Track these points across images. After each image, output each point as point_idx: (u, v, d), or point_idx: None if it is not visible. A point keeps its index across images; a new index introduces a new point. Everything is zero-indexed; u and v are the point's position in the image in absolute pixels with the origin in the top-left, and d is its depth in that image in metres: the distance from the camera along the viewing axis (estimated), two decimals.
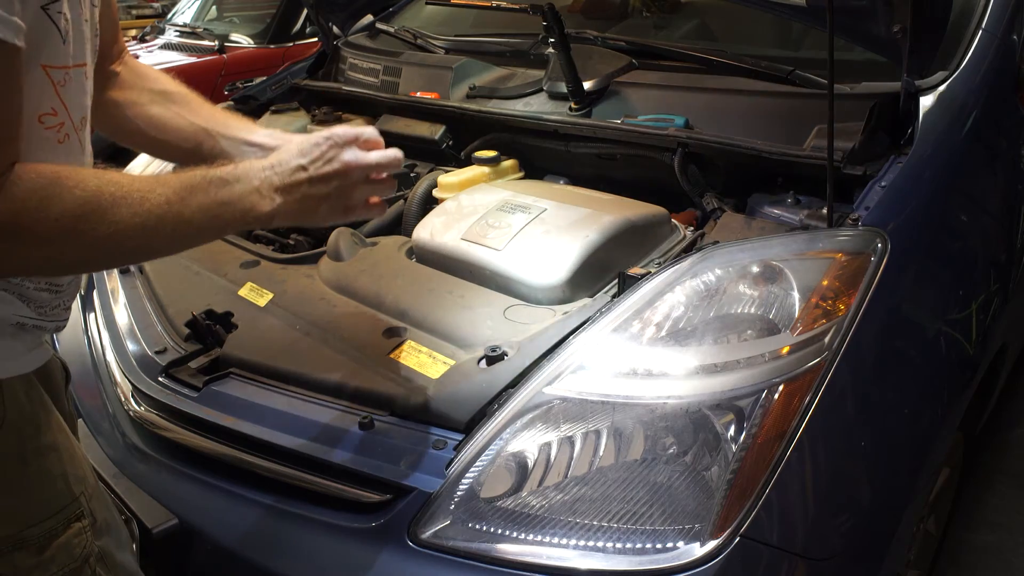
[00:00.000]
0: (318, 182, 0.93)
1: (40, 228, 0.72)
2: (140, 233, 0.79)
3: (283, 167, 0.92)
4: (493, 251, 1.35)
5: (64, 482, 0.89)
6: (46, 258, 0.76)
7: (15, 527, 0.83)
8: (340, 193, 0.96)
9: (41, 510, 0.86)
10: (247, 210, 0.88)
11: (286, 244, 1.73)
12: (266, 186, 0.90)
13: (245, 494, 1.13)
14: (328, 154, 0.94)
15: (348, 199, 0.98)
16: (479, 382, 1.10)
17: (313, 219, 0.97)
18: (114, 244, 0.79)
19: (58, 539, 0.87)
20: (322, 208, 0.95)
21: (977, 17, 1.55)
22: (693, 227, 1.49)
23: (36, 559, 0.85)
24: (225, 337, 1.33)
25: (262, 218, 0.90)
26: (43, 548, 0.85)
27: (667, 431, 0.98)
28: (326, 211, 0.96)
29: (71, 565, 0.88)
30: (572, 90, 1.73)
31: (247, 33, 4.81)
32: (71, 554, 0.88)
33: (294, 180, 0.92)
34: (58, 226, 0.73)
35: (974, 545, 1.90)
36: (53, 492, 0.87)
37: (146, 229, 0.79)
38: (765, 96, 1.55)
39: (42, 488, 0.86)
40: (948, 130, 1.38)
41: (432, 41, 2.19)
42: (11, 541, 0.83)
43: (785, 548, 0.95)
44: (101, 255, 0.82)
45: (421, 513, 1.00)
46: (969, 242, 1.39)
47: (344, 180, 0.95)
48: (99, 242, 0.77)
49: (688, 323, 1.07)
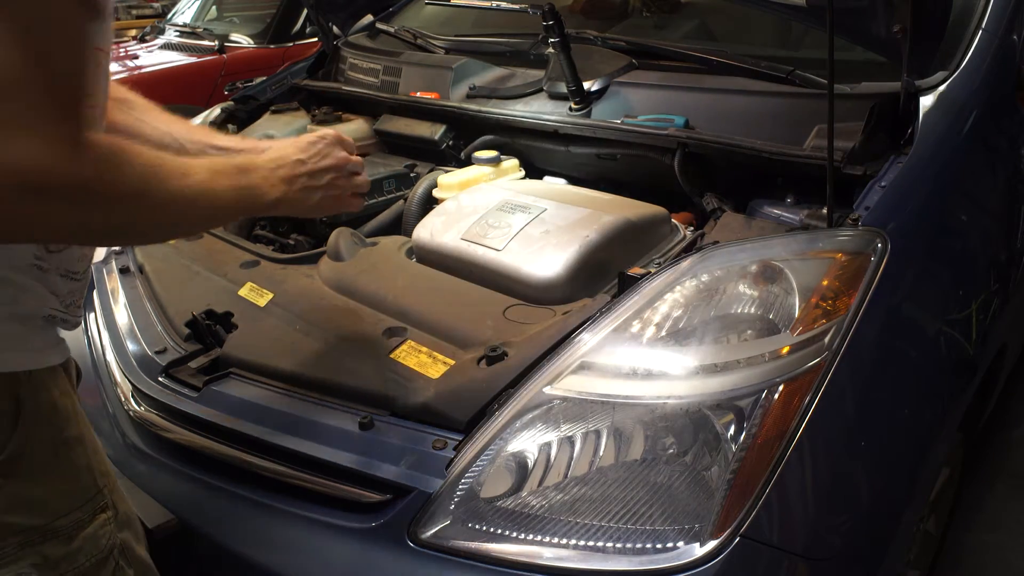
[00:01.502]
0: (315, 175, 1.07)
1: (112, 192, 0.76)
2: (185, 205, 0.86)
3: (285, 161, 1.04)
4: (493, 251, 1.35)
5: (90, 474, 0.90)
6: (110, 224, 0.80)
7: (46, 518, 0.85)
8: (331, 185, 1.09)
9: (69, 501, 0.87)
10: (258, 196, 0.98)
11: (286, 244, 1.73)
12: (273, 177, 1.01)
13: (245, 494, 1.14)
14: (323, 151, 1.09)
15: (337, 190, 1.11)
16: (479, 382, 1.10)
17: (307, 207, 1.08)
18: (164, 214, 0.84)
19: (85, 530, 0.88)
20: (315, 197, 1.07)
21: (977, 17, 1.55)
22: (693, 227, 1.49)
23: (65, 549, 0.87)
24: (225, 337, 1.33)
25: (269, 204, 1.00)
26: (71, 539, 0.87)
27: (667, 431, 0.98)
28: (319, 200, 1.08)
29: (98, 556, 0.90)
30: (572, 90, 1.73)
31: (247, 33, 4.80)
32: (97, 545, 0.90)
33: (295, 172, 1.04)
34: (126, 192, 0.78)
35: (974, 545, 1.90)
36: (80, 483, 0.89)
37: (189, 202, 0.86)
38: (765, 96, 1.55)
39: (71, 479, 0.88)
40: (948, 130, 1.38)
41: (432, 41, 2.19)
42: (42, 532, 0.85)
43: (785, 548, 0.95)
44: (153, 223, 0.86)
45: (421, 513, 1.00)
46: (969, 242, 1.39)
47: (336, 174, 1.10)
48: (155, 210, 0.83)
49: (688, 323, 1.07)
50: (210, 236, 1.69)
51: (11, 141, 0.67)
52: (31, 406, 0.83)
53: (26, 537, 0.84)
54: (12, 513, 0.82)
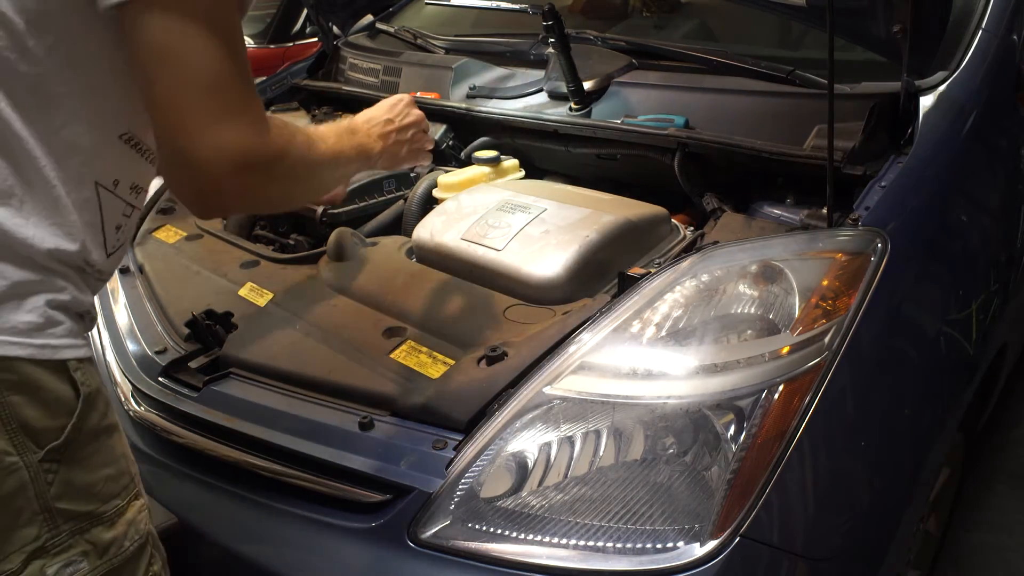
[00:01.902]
0: (402, 130, 1.21)
1: (291, 162, 0.88)
2: (328, 166, 1.00)
3: (378, 120, 1.18)
4: (493, 251, 1.35)
5: (126, 461, 0.93)
6: (289, 189, 0.93)
7: (94, 503, 0.87)
8: (414, 139, 1.24)
9: (112, 487, 0.89)
10: (368, 150, 1.11)
11: (286, 244, 1.73)
12: (372, 135, 1.14)
13: (245, 494, 1.14)
14: (405, 111, 1.23)
15: (418, 144, 1.26)
16: (479, 382, 1.10)
17: (399, 159, 1.23)
18: (318, 176, 0.98)
19: (125, 515, 0.91)
20: (404, 150, 1.23)
21: (977, 17, 1.55)
22: (692, 227, 1.49)
23: (112, 534, 0.89)
24: (225, 337, 1.33)
25: (374, 157, 1.14)
26: (114, 524, 0.89)
27: (667, 431, 0.98)
28: (406, 154, 1.24)
29: (139, 541, 0.92)
30: (572, 90, 1.73)
31: (247, 33, 4.73)
32: (138, 529, 0.92)
33: (387, 129, 1.18)
34: (297, 160, 0.90)
35: (974, 545, 1.90)
36: (119, 470, 0.91)
37: (329, 163, 1.00)
38: (765, 96, 1.54)
39: (111, 465, 0.90)
40: (948, 130, 1.38)
41: (432, 41, 2.19)
42: (90, 517, 0.87)
43: (785, 548, 0.95)
44: (312, 186, 1.00)
45: (421, 513, 1.00)
46: (969, 242, 1.39)
47: (416, 129, 1.25)
48: (312, 173, 0.96)
49: (688, 323, 1.07)
50: (210, 236, 1.69)
51: (228, 127, 0.79)
52: (86, 392, 0.86)
53: (77, 524, 0.85)
54: (64, 499, 0.84)
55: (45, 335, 0.82)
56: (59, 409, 0.83)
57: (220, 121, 0.78)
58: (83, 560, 0.86)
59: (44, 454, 0.82)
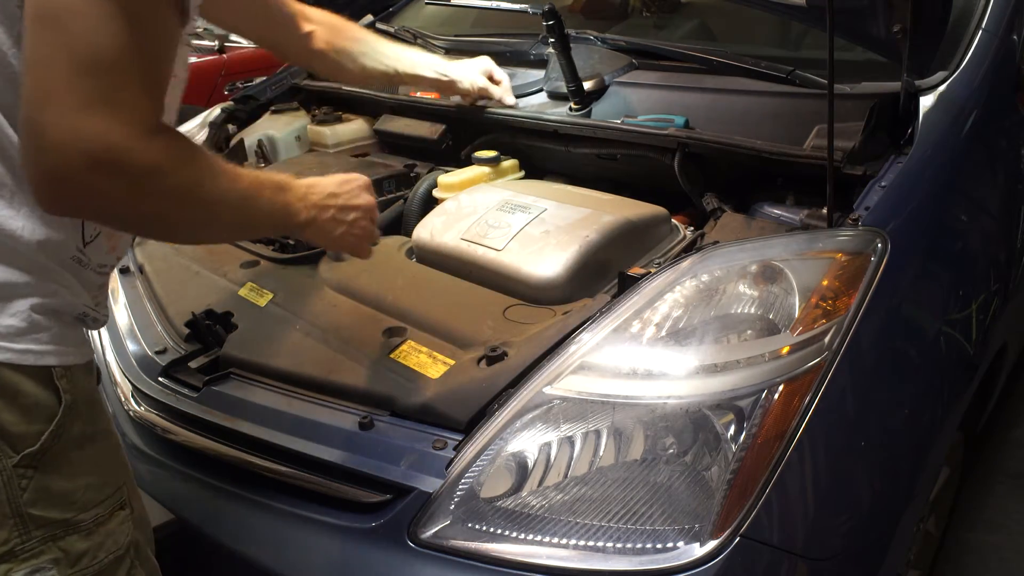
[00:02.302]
0: (344, 210, 1.10)
1: (171, 182, 0.79)
2: (228, 208, 0.89)
3: (321, 191, 1.07)
4: (493, 251, 1.35)
5: (112, 470, 0.92)
6: (159, 213, 0.82)
7: (71, 511, 0.86)
8: (355, 223, 1.12)
9: (93, 496, 0.88)
10: (291, 215, 1.00)
11: (286, 244, 1.73)
12: (307, 202, 1.03)
13: (245, 494, 1.14)
14: (356, 191, 1.12)
15: (358, 230, 1.14)
16: (479, 382, 1.10)
17: (330, 239, 1.10)
18: (209, 212, 0.87)
19: (105, 526, 0.89)
20: (339, 231, 1.10)
21: (977, 17, 1.55)
22: (692, 227, 1.49)
23: (86, 544, 0.87)
24: (225, 337, 1.33)
25: (298, 225, 1.02)
26: (91, 534, 0.88)
27: (667, 431, 0.98)
28: (340, 235, 1.11)
29: (116, 553, 0.91)
30: (572, 90, 1.73)
31: None
32: (116, 541, 0.91)
33: (327, 203, 1.07)
34: (183, 183, 0.81)
35: (974, 545, 1.90)
36: (103, 479, 0.90)
37: (232, 206, 0.89)
38: (765, 96, 1.55)
39: (95, 474, 0.89)
40: (948, 130, 1.38)
41: (432, 41, 2.19)
42: (65, 525, 0.86)
43: (785, 548, 0.95)
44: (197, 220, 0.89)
45: (421, 513, 1.00)
46: (969, 242, 1.39)
47: (361, 215, 1.12)
48: (202, 207, 0.86)
49: (688, 323, 1.07)
50: None
51: (95, 115, 0.70)
52: (68, 400, 0.85)
53: (49, 531, 0.84)
54: (38, 505, 0.83)
55: (28, 340, 0.81)
56: (38, 415, 0.82)
57: (89, 105, 0.70)
58: (52, 568, 0.85)
59: (19, 459, 0.81)
